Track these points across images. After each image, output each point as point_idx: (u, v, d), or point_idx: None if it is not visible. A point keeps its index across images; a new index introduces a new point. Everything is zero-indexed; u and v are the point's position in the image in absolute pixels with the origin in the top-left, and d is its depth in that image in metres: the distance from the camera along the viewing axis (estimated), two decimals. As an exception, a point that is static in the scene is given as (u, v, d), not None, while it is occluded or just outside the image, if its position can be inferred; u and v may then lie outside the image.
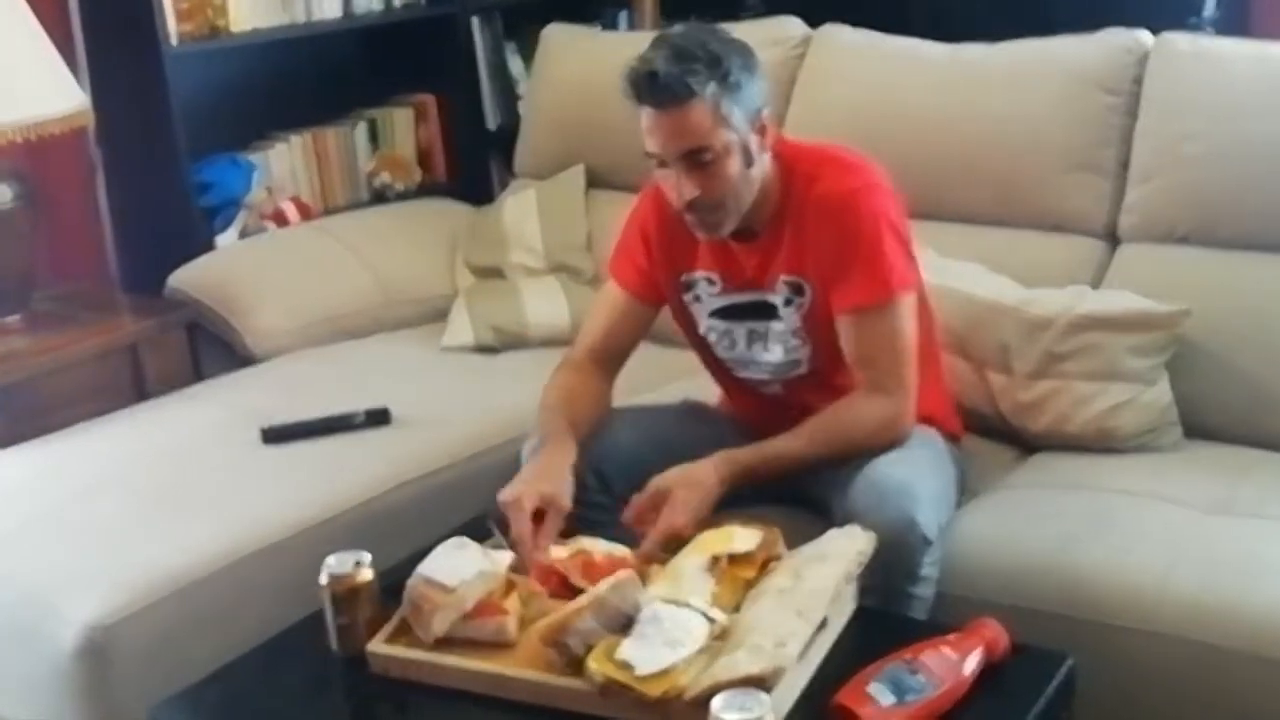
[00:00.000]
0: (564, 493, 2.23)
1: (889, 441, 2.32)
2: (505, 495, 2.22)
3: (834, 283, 2.34)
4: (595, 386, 2.50)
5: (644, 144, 2.32)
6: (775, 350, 2.45)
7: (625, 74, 2.27)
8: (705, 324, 2.51)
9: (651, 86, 2.24)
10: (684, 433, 2.47)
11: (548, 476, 2.25)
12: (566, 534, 2.22)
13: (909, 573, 2.21)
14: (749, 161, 2.31)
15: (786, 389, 2.49)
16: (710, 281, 2.47)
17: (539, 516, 2.19)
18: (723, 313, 2.49)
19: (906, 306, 2.35)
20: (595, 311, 2.62)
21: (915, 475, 2.27)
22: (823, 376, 2.44)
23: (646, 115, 2.28)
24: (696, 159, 2.27)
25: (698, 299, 2.50)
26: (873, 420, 2.33)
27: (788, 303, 2.41)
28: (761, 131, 2.32)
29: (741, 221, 2.37)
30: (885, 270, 2.32)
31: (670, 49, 2.25)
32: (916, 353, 2.36)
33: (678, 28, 2.33)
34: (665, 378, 2.82)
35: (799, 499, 2.39)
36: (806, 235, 2.36)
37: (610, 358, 2.55)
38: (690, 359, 2.65)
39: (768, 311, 2.44)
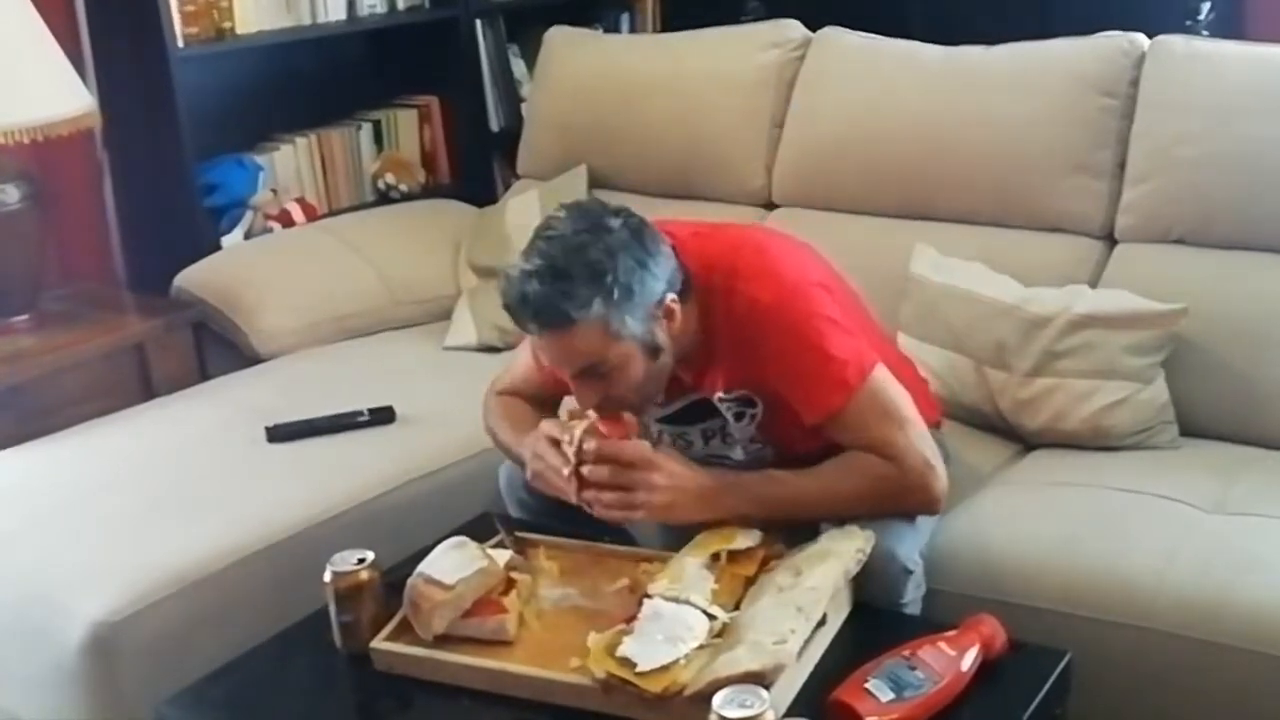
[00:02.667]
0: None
1: (914, 506, 2.21)
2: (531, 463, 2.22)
3: (793, 395, 2.19)
4: (535, 415, 2.38)
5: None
6: (736, 450, 2.34)
7: (501, 289, 2.09)
8: (655, 428, 2.35)
9: (527, 312, 2.06)
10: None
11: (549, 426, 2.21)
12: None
13: (893, 603, 2.18)
14: (655, 354, 2.13)
15: (762, 468, 2.35)
16: None
17: None
18: (672, 418, 2.34)
19: (876, 382, 2.19)
20: (519, 361, 2.49)
21: None
22: (794, 458, 2.27)
23: (530, 335, 2.16)
24: (594, 371, 2.11)
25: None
26: (876, 484, 2.17)
27: (739, 416, 2.27)
28: (668, 316, 2.13)
29: None
30: (838, 370, 2.15)
31: (545, 266, 2.04)
32: (910, 410, 2.22)
33: (558, 223, 2.10)
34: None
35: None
36: (740, 353, 2.20)
37: (538, 403, 2.45)
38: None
39: (718, 412, 2.29)
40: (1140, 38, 2.94)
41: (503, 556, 2.13)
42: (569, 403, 2.19)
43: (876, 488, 2.17)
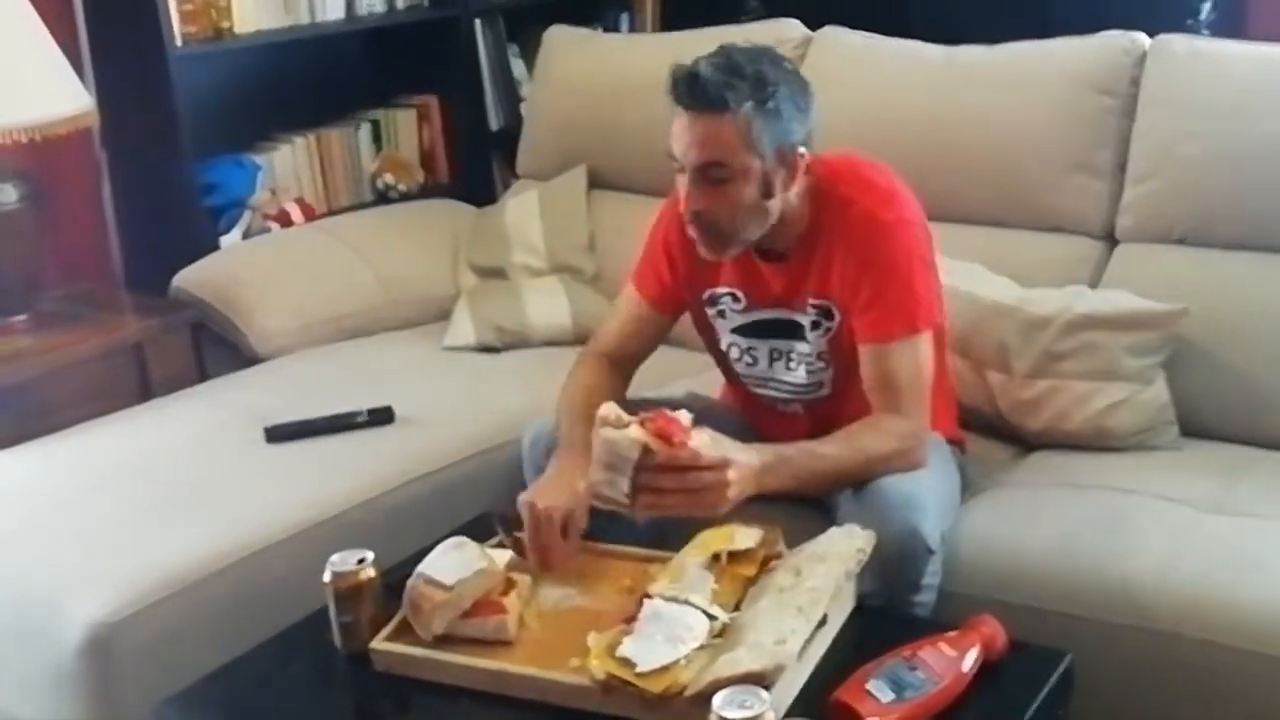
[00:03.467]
0: (585, 508, 2.20)
1: (905, 465, 2.26)
2: (530, 499, 2.20)
3: (861, 311, 2.30)
4: (613, 385, 2.48)
5: (671, 144, 2.27)
6: (798, 371, 2.43)
7: (672, 69, 2.24)
8: (727, 339, 2.49)
9: (689, 87, 2.21)
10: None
11: (571, 489, 2.20)
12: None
13: (912, 582, 2.21)
14: (767, 193, 2.26)
15: (807, 409, 2.47)
16: (735, 298, 2.44)
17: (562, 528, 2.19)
18: (746, 330, 2.46)
19: (928, 342, 2.32)
20: (614, 315, 2.61)
21: (920, 485, 2.25)
22: (844, 398, 2.41)
23: (678, 116, 2.24)
24: (711, 174, 2.23)
25: (722, 314, 2.48)
26: (893, 440, 2.26)
27: (815, 326, 2.38)
28: (791, 168, 2.27)
29: (767, 241, 2.33)
30: (914, 305, 2.29)
31: (723, 59, 2.22)
32: (930, 387, 2.33)
33: (745, 43, 2.29)
34: (668, 377, 2.83)
35: (802, 499, 2.38)
36: (836, 260, 2.32)
37: (626, 361, 2.54)
38: (695, 360, 2.66)
39: (792, 331, 2.41)
40: (1141, 37, 2.94)
41: (502, 557, 2.13)
42: (607, 409, 2.16)
43: (897, 447, 2.27)
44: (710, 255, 2.36)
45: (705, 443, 2.07)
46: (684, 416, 2.08)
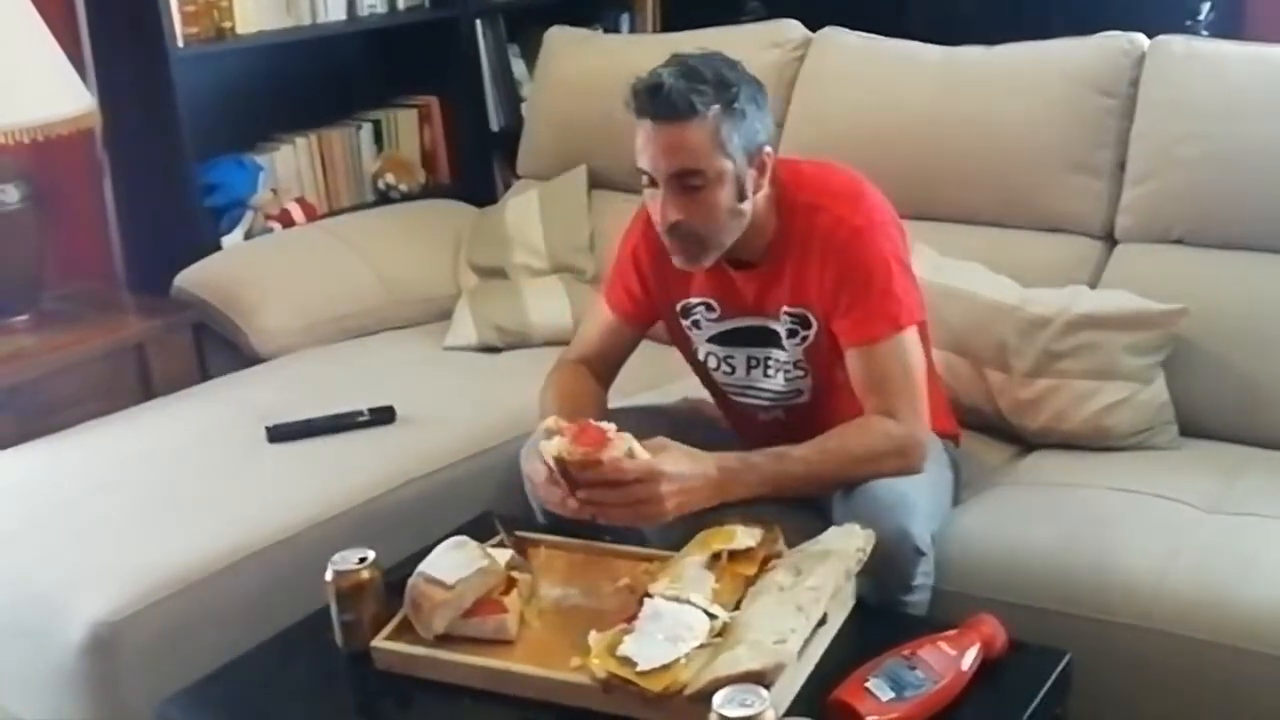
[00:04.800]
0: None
1: (901, 468, 2.25)
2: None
3: (842, 317, 2.30)
4: (593, 388, 2.50)
5: (636, 159, 2.26)
6: (776, 378, 2.42)
7: (631, 84, 2.23)
8: (704, 349, 2.48)
9: (654, 98, 2.19)
10: (682, 435, 2.41)
11: None
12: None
13: (903, 583, 2.21)
14: (740, 196, 2.25)
15: (788, 415, 2.46)
16: (709, 307, 2.43)
17: None
18: (722, 338, 2.45)
19: (913, 338, 2.31)
20: (588, 325, 2.60)
21: (912, 486, 2.25)
22: (825, 404, 2.40)
23: (644, 129, 2.23)
24: (686, 182, 2.21)
25: (696, 325, 2.47)
26: (880, 441, 2.25)
27: (791, 334, 2.37)
28: (760, 169, 2.27)
29: (738, 250, 2.32)
30: (894, 305, 2.27)
31: (682, 67, 2.21)
32: (924, 380, 2.32)
33: (695, 52, 2.28)
34: (665, 377, 2.83)
35: (800, 500, 2.38)
36: (810, 269, 2.31)
37: (603, 368, 2.55)
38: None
39: (768, 338, 2.40)
40: (1140, 38, 2.95)
41: (503, 556, 2.13)
42: (551, 420, 2.19)
43: (882, 447, 2.26)
44: (688, 266, 2.34)
45: (622, 453, 2.08)
46: (608, 427, 2.11)
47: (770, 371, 2.43)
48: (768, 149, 2.28)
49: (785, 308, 2.35)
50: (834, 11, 3.40)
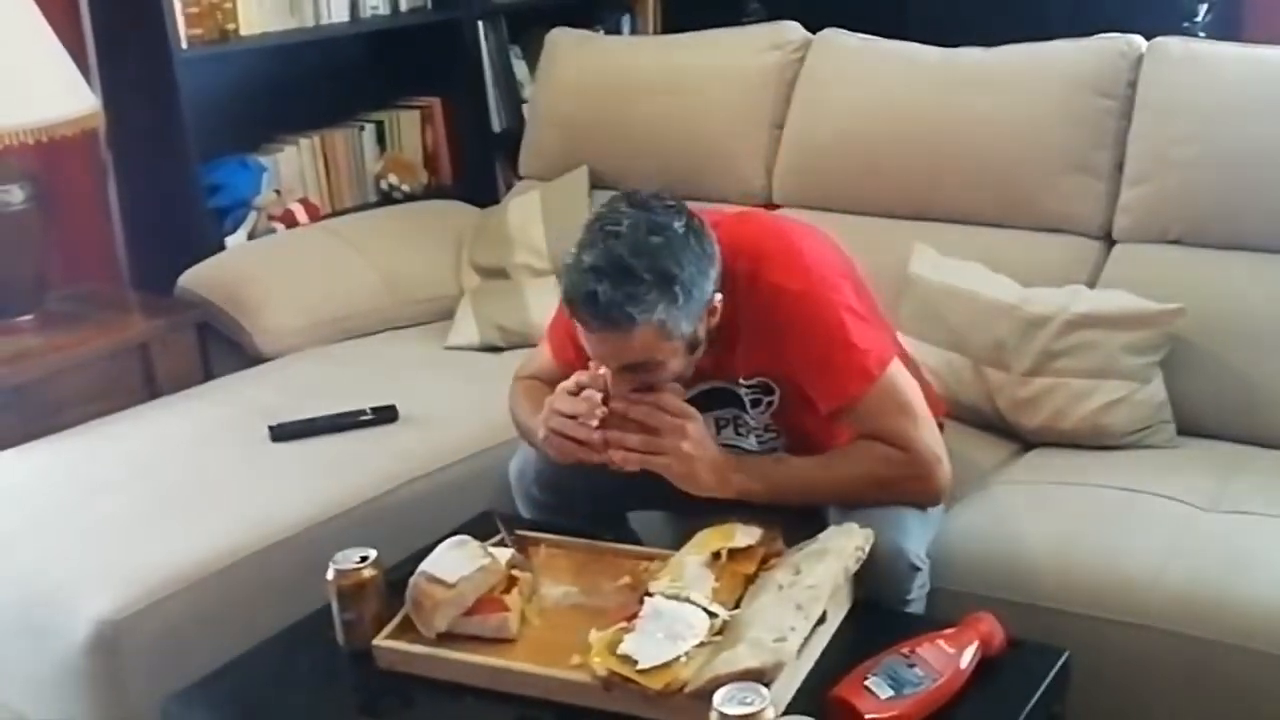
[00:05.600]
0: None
1: (918, 493, 2.23)
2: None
3: (813, 384, 2.23)
4: None
5: (582, 341, 2.16)
6: (749, 439, 2.39)
7: (564, 283, 2.08)
8: None
9: (591, 311, 2.04)
10: None
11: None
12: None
13: (899, 598, 2.20)
14: (694, 349, 2.17)
15: None
16: None
17: None
18: (688, 403, 2.29)
19: (893, 374, 2.23)
20: (538, 359, 2.51)
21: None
22: (807, 450, 2.32)
23: (582, 330, 2.11)
24: (638, 366, 2.13)
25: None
26: (881, 466, 2.21)
27: (755, 403, 2.31)
28: (711, 313, 2.15)
29: None
30: (860, 359, 2.19)
31: (614, 265, 2.02)
32: (921, 405, 2.26)
33: (624, 219, 2.06)
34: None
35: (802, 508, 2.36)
36: (761, 339, 2.22)
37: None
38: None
39: (735, 400, 2.33)
40: (1138, 39, 2.95)
41: (504, 555, 2.14)
42: (567, 382, 2.20)
43: (886, 473, 2.21)
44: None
45: (681, 399, 2.12)
46: None
47: (741, 430, 2.39)
48: (717, 296, 2.14)
49: (743, 378, 2.29)
50: (834, 13, 3.41)
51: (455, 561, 2.08)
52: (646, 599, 1.99)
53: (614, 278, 2.02)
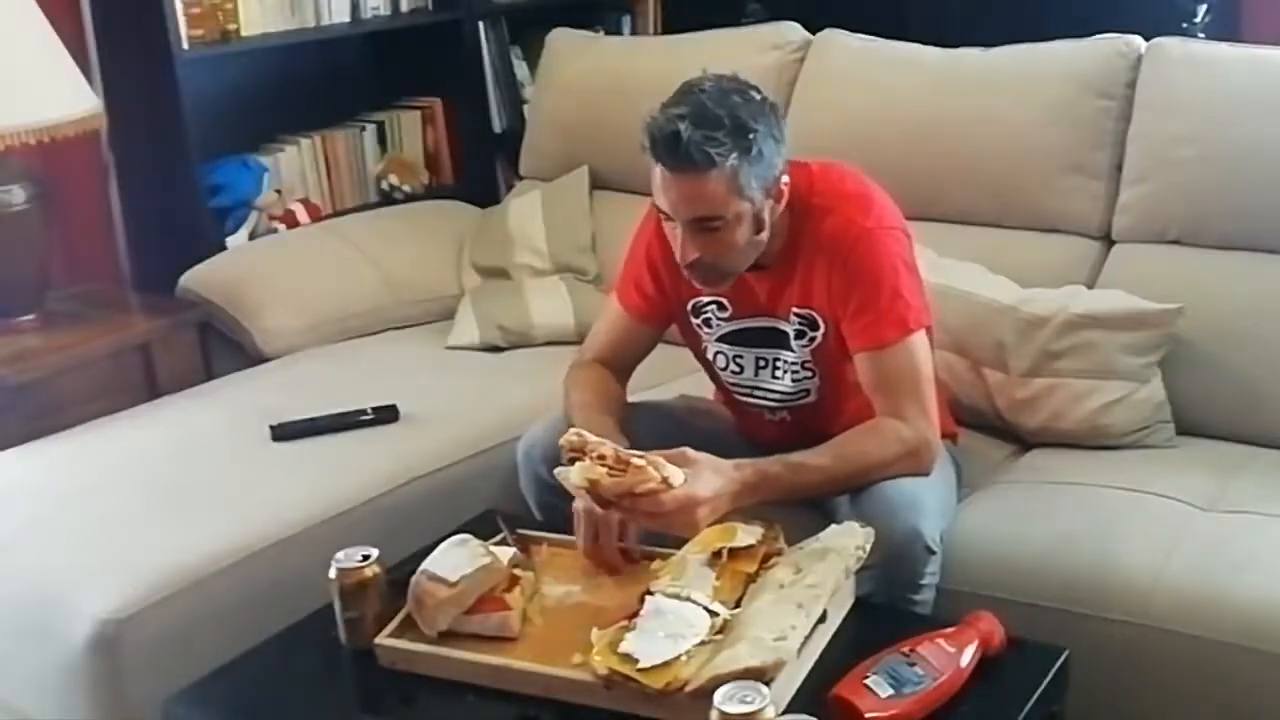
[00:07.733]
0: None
1: (912, 468, 2.27)
2: (585, 507, 2.18)
3: (851, 320, 2.30)
4: (615, 388, 2.50)
5: (654, 195, 2.25)
6: (784, 379, 2.43)
7: (646, 126, 2.19)
8: (713, 348, 2.49)
9: (672, 150, 2.16)
10: (685, 429, 2.44)
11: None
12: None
13: (912, 582, 2.22)
14: (759, 228, 2.25)
15: (794, 416, 2.47)
16: (721, 306, 2.43)
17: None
18: (731, 338, 2.46)
19: (922, 341, 2.31)
20: (602, 325, 2.60)
21: (922, 487, 2.26)
22: (831, 406, 2.42)
23: (661, 173, 2.21)
24: (705, 224, 2.21)
25: (707, 323, 2.47)
26: (894, 446, 2.26)
27: (799, 335, 2.38)
28: (778, 197, 2.26)
29: None
30: (903, 309, 2.28)
31: (697, 111, 2.16)
32: (930, 382, 2.32)
33: (708, 82, 2.22)
34: (665, 376, 2.84)
35: (803, 500, 2.38)
36: (819, 271, 2.32)
37: (619, 367, 2.54)
38: (688, 357, 2.67)
39: (777, 339, 2.41)
40: (1137, 40, 2.96)
41: (505, 553, 2.15)
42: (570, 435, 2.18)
43: (895, 450, 2.26)
44: (709, 290, 2.37)
45: (655, 482, 2.05)
46: (631, 454, 2.08)
47: (778, 373, 2.43)
48: (784, 179, 2.26)
49: (794, 309, 2.36)
50: (833, 13, 3.41)
51: (457, 560, 2.08)
52: (647, 598, 2.00)
53: (696, 121, 2.15)
